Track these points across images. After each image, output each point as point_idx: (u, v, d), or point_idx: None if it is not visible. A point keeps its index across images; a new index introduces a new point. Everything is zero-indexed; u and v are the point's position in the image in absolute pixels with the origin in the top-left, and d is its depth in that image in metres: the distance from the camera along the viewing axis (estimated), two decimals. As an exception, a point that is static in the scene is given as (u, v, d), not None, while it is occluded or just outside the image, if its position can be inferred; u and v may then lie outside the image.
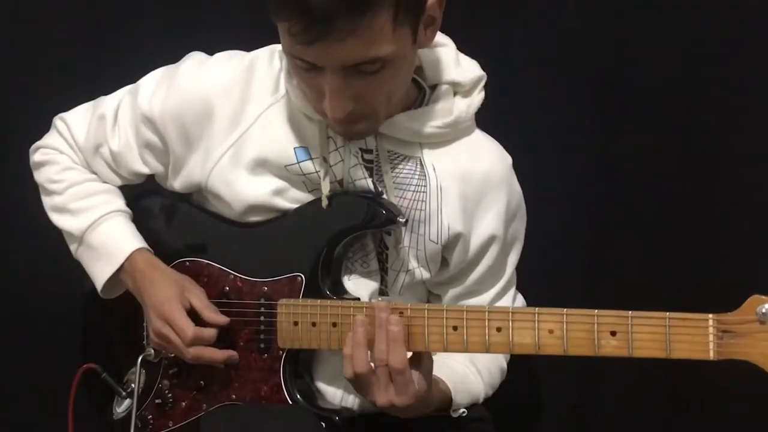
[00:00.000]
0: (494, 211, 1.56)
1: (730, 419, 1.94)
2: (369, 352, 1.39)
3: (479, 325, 1.36)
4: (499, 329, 1.35)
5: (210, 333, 1.50)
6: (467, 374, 1.58)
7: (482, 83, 1.55)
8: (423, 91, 1.54)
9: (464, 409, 1.55)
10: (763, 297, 1.20)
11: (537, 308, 1.33)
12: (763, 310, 1.19)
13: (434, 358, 1.61)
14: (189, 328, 1.49)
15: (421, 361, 1.41)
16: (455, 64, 1.53)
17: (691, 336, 1.22)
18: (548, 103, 1.95)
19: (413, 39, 1.38)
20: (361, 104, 1.38)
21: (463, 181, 1.54)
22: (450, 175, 1.53)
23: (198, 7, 1.95)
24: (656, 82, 1.90)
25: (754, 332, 1.19)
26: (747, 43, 1.83)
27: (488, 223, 1.56)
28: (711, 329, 1.21)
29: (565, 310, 1.30)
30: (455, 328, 1.38)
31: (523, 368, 1.71)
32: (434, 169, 1.52)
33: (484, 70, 1.56)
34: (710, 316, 1.22)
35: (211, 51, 1.59)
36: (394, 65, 1.36)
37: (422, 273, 1.56)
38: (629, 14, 1.88)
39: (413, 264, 1.55)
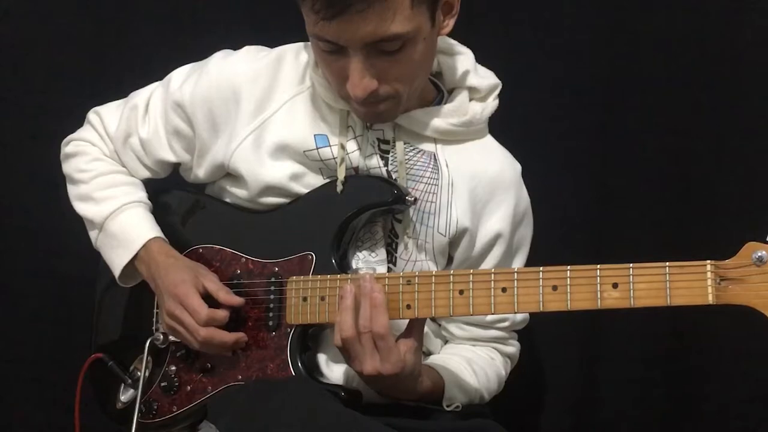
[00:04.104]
0: (502, 212, 1.62)
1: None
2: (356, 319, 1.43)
3: (484, 287, 1.40)
4: (504, 290, 1.38)
5: (223, 314, 1.54)
6: (462, 370, 1.61)
7: (497, 90, 1.63)
8: (441, 93, 1.62)
9: (458, 404, 1.57)
10: (758, 243, 1.25)
11: (541, 267, 1.37)
12: (758, 255, 1.24)
13: (432, 356, 1.65)
14: (203, 309, 1.52)
15: (410, 334, 1.46)
16: (473, 71, 1.61)
17: (690, 282, 1.26)
18: (555, 114, 2.03)
19: (432, 22, 1.46)
20: (383, 85, 1.45)
21: (473, 179, 1.60)
22: (462, 173, 1.59)
23: (212, 13, 2.06)
24: (661, 90, 1.98)
25: (751, 275, 1.24)
26: (748, 43, 1.92)
27: (495, 221, 1.61)
28: (709, 275, 1.26)
29: (569, 266, 1.34)
30: (461, 292, 1.41)
31: (523, 366, 1.73)
32: (447, 165, 1.59)
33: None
34: (708, 262, 1.27)
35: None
36: (414, 45, 1.43)
37: (429, 265, 1.60)
38: (632, 21, 1.98)
39: (421, 255, 1.59)
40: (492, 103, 1.62)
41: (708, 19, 1.94)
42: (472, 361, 1.63)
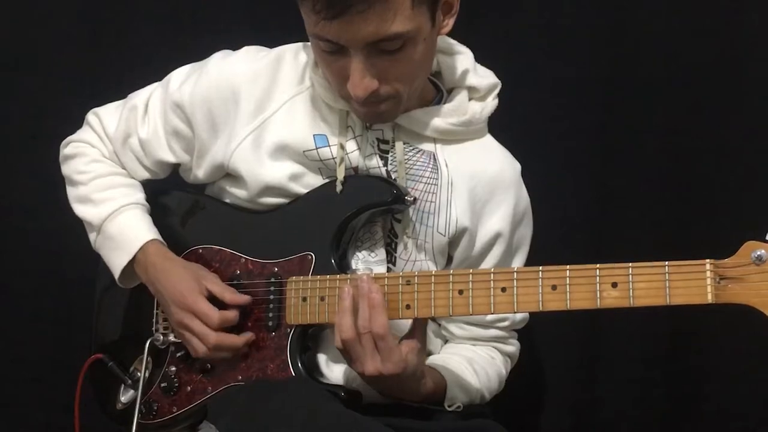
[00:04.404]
0: (501, 212, 1.62)
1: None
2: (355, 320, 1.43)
3: (484, 287, 1.40)
4: (503, 289, 1.38)
5: (233, 314, 1.54)
6: (463, 370, 1.60)
7: (497, 90, 1.63)
8: (441, 92, 1.62)
9: (459, 404, 1.57)
10: (757, 242, 1.25)
11: (540, 266, 1.37)
12: (757, 254, 1.24)
13: (432, 356, 1.65)
14: (214, 313, 1.53)
15: (412, 335, 1.46)
16: (472, 71, 1.61)
17: (690, 282, 1.26)
18: (555, 114, 2.03)
19: (432, 22, 1.46)
20: (383, 84, 1.45)
21: (473, 179, 1.60)
22: (461, 172, 1.60)
23: (212, 13, 2.06)
24: (661, 90, 1.98)
25: (750, 274, 1.24)
26: (748, 44, 1.93)
27: (495, 221, 1.61)
28: (708, 273, 1.26)
29: (568, 266, 1.34)
30: (461, 291, 1.41)
31: (523, 366, 1.72)
32: (446, 165, 1.59)
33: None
34: (707, 261, 1.27)
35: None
36: (414, 45, 1.43)
37: (429, 265, 1.60)
38: (632, 21, 1.98)
39: (421, 255, 1.59)
40: (491, 103, 1.62)
41: (708, 19, 1.93)
42: (473, 360, 1.63)
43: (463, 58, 1.61)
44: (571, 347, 2.05)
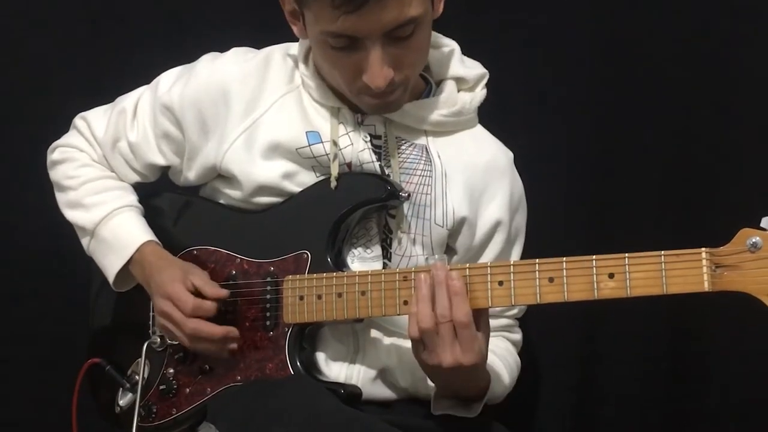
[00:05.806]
0: (499, 199, 1.63)
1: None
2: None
3: (481, 281, 1.39)
4: (501, 283, 1.38)
5: (210, 305, 1.54)
6: (497, 364, 1.59)
7: (485, 80, 1.65)
8: (430, 85, 1.64)
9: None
10: (752, 230, 1.25)
11: (537, 259, 1.37)
12: (752, 241, 1.24)
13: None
14: (189, 299, 1.53)
15: (480, 321, 1.41)
16: (460, 62, 1.63)
17: (686, 270, 1.26)
18: (545, 104, 2.03)
19: (432, 5, 1.49)
20: (398, 72, 1.47)
21: (467, 169, 1.61)
22: (454, 163, 1.60)
23: (211, 13, 2.07)
24: (657, 83, 1.98)
25: (746, 261, 1.24)
26: (748, 44, 1.92)
27: (494, 209, 1.62)
28: (704, 262, 1.26)
29: (565, 258, 1.34)
30: (458, 286, 1.41)
31: (523, 366, 1.71)
32: (439, 157, 1.60)
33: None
34: (703, 249, 1.27)
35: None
36: (423, 29, 1.47)
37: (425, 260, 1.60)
38: (632, 17, 1.98)
39: (417, 250, 1.59)
40: (480, 93, 1.64)
41: (709, 18, 1.93)
42: (495, 353, 1.61)
43: (450, 51, 1.63)
44: (572, 346, 2.04)
